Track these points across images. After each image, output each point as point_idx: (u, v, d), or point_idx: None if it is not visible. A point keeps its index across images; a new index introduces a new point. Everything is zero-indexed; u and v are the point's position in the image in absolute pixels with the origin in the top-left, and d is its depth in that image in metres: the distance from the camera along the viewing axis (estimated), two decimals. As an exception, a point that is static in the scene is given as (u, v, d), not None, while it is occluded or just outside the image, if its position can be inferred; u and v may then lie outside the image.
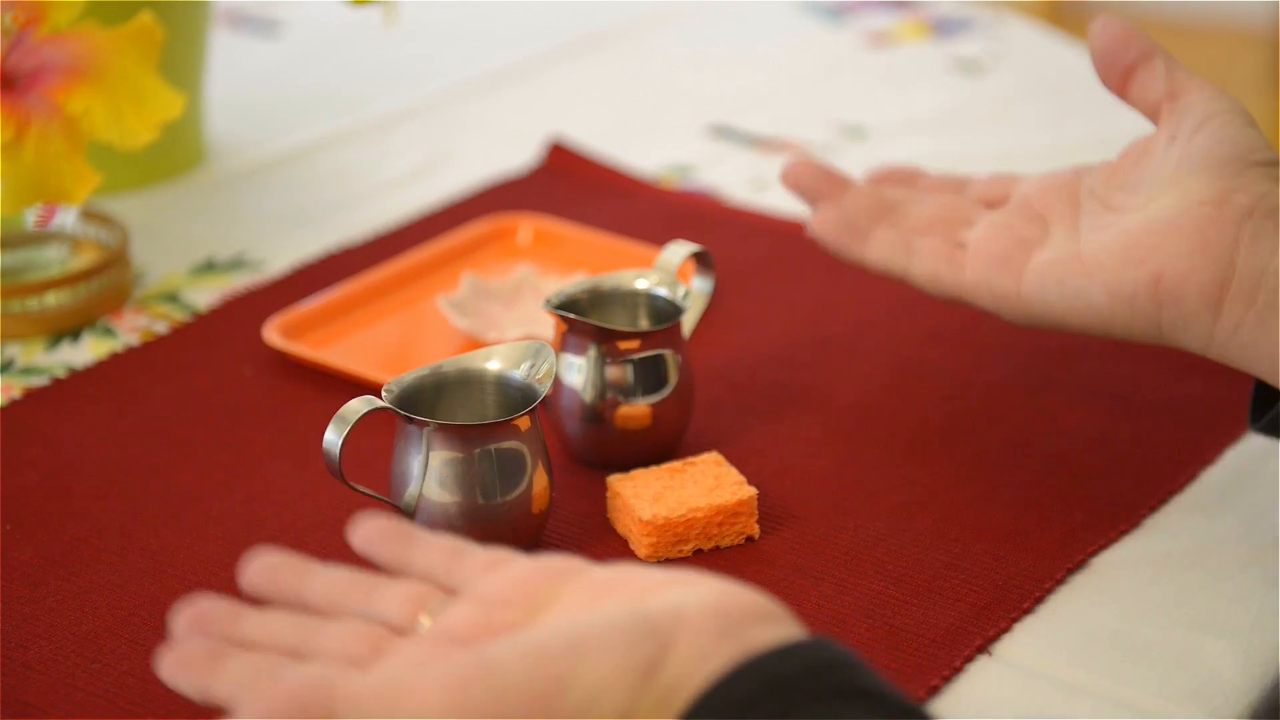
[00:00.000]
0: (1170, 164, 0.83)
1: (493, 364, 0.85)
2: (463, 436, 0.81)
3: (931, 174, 0.95)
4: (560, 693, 0.60)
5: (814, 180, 0.92)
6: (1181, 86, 0.85)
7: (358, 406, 0.81)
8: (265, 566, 0.67)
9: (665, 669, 0.61)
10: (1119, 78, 0.86)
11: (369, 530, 0.68)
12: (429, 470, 0.81)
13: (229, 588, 0.82)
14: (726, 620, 0.62)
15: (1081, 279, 0.83)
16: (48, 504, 0.89)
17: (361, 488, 0.82)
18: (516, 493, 0.82)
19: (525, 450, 0.82)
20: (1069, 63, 1.40)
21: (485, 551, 0.68)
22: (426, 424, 0.81)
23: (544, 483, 0.83)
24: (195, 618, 0.66)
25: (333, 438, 0.80)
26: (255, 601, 0.67)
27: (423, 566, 0.68)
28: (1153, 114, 0.86)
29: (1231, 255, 0.80)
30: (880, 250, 0.89)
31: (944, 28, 1.45)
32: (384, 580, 0.68)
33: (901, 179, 0.95)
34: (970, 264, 0.86)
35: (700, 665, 0.61)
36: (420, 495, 0.81)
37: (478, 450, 0.81)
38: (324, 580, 0.67)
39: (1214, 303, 0.80)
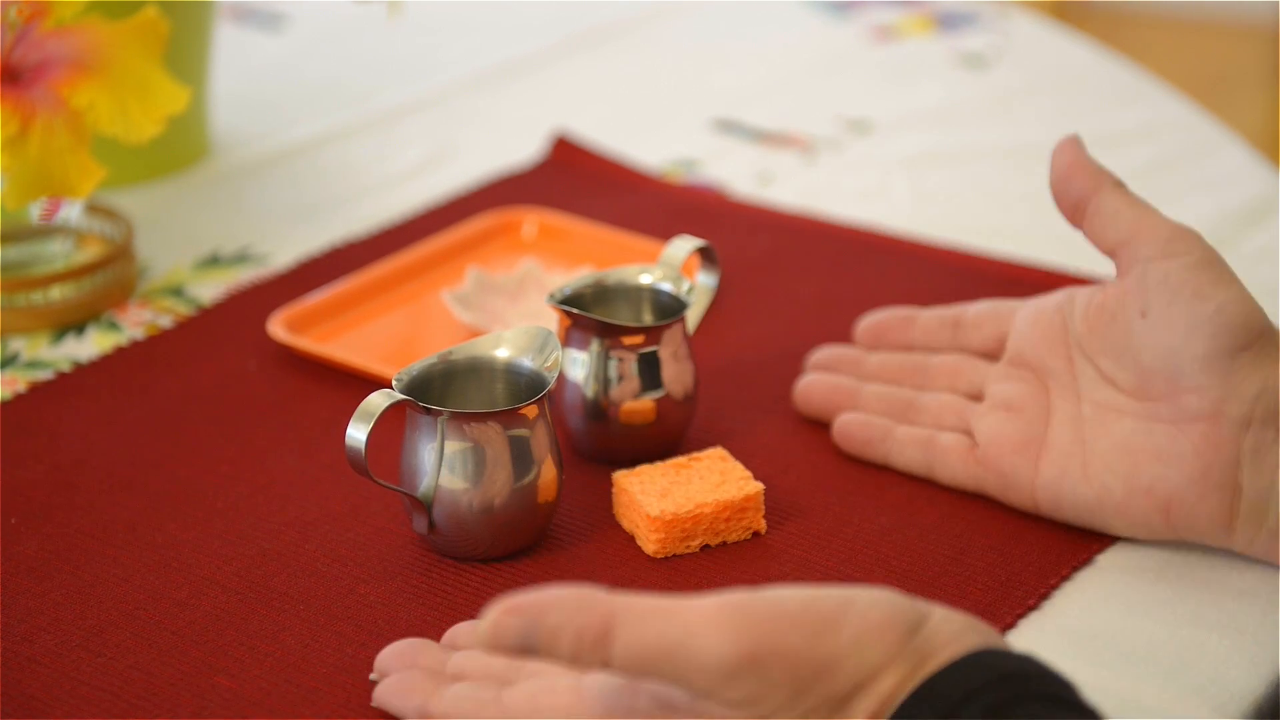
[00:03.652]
0: (1149, 349, 0.82)
1: (501, 351, 0.85)
2: (477, 425, 0.81)
3: (925, 314, 0.94)
4: (832, 629, 0.65)
5: (826, 397, 0.92)
6: (1133, 231, 0.83)
7: (380, 400, 0.81)
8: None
9: (920, 635, 0.66)
10: (1071, 210, 0.85)
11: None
12: (443, 459, 0.81)
13: (234, 581, 0.83)
14: (973, 623, 0.68)
15: (1093, 503, 0.83)
16: (52, 498, 0.89)
17: (385, 482, 0.82)
18: (527, 480, 0.82)
19: (536, 438, 0.82)
20: (1073, 58, 1.40)
21: None
22: (441, 413, 0.81)
23: (553, 472, 0.83)
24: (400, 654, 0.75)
25: (357, 434, 0.80)
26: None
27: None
28: (1109, 255, 0.85)
29: (1235, 477, 0.80)
30: (904, 457, 0.89)
31: (949, 22, 1.45)
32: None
33: (895, 325, 0.94)
34: (986, 479, 0.86)
35: (951, 642, 0.66)
36: (436, 485, 0.82)
37: (491, 438, 0.81)
38: None
39: (1225, 525, 0.81)
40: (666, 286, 0.91)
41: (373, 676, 0.76)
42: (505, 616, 0.65)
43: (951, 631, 0.67)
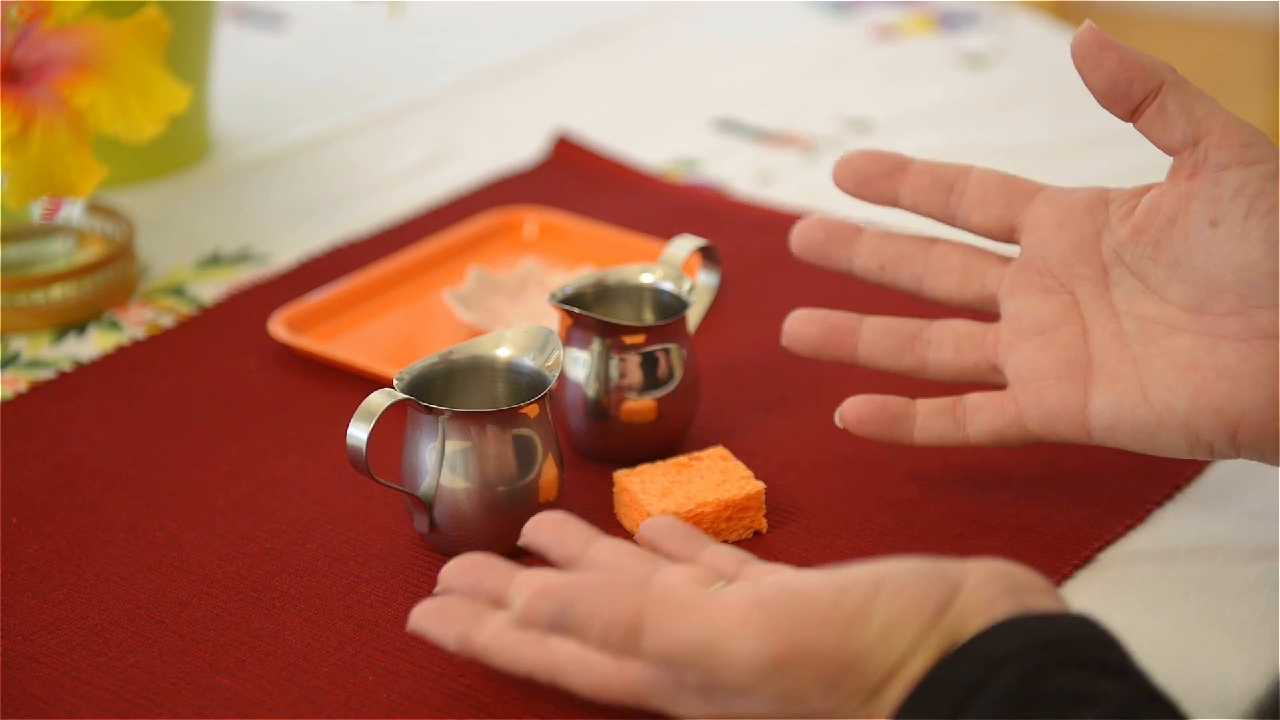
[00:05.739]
0: (1219, 262, 0.77)
1: (503, 351, 0.85)
2: (478, 424, 0.81)
3: (916, 165, 0.89)
4: (860, 623, 0.65)
5: (821, 336, 0.88)
6: (1204, 128, 0.78)
7: (380, 400, 0.81)
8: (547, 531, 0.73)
9: (951, 611, 0.66)
10: (1128, 109, 0.80)
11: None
12: (444, 458, 0.81)
13: (235, 581, 0.83)
14: (1010, 582, 0.67)
15: (1153, 425, 0.79)
16: (53, 497, 0.89)
17: (386, 482, 0.82)
18: (528, 480, 0.82)
19: (537, 438, 0.82)
20: (1074, 57, 1.40)
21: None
22: (443, 412, 0.81)
23: (554, 472, 0.83)
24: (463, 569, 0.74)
25: (358, 434, 0.80)
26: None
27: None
28: (1171, 153, 0.80)
29: None
30: (929, 431, 0.85)
31: (950, 22, 1.45)
32: (663, 560, 0.76)
33: (882, 173, 0.88)
34: (1029, 414, 0.82)
35: (982, 613, 0.66)
36: (437, 484, 0.82)
37: (492, 437, 0.81)
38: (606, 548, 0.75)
39: None
40: (668, 286, 0.91)
41: (436, 591, 0.75)
42: (537, 599, 0.66)
43: (983, 601, 0.66)
